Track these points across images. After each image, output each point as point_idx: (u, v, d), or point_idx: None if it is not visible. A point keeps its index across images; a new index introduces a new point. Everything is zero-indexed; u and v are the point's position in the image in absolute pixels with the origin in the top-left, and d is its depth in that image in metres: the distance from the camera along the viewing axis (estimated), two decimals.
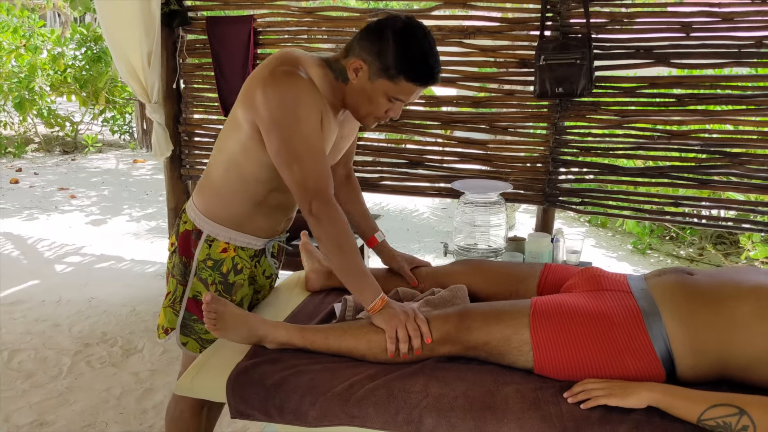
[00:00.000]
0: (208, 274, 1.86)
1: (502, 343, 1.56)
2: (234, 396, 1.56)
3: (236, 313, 1.67)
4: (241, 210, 1.83)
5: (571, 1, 2.98)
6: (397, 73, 1.61)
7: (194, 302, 1.88)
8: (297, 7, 3.49)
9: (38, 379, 2.97)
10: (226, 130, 1.78)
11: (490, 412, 1.41)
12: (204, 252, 1.85)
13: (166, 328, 1.94)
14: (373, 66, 1.63)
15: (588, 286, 1.68)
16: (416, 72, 1.62)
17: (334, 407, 1.48)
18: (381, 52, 1.60)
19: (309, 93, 1.63)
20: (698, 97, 2.96)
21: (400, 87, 1.64)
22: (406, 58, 1.60)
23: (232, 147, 1.75)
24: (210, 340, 1.89)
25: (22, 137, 8.58)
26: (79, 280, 4.20)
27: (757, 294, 1.44)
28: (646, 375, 1.47)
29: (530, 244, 2.64)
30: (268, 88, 1.61)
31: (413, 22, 1.64)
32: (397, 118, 1.79)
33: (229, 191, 1.81)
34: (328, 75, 1.71)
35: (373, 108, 1.71)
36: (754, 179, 2.95)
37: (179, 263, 1.89)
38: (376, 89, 1.65)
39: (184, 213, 1.91)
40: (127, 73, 3.55)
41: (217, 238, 1.84)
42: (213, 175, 1.84)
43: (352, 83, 1.68)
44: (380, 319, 1.64)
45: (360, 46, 1.64)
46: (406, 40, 1.60)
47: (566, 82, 2.93)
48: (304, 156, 1.61)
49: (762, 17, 2.78)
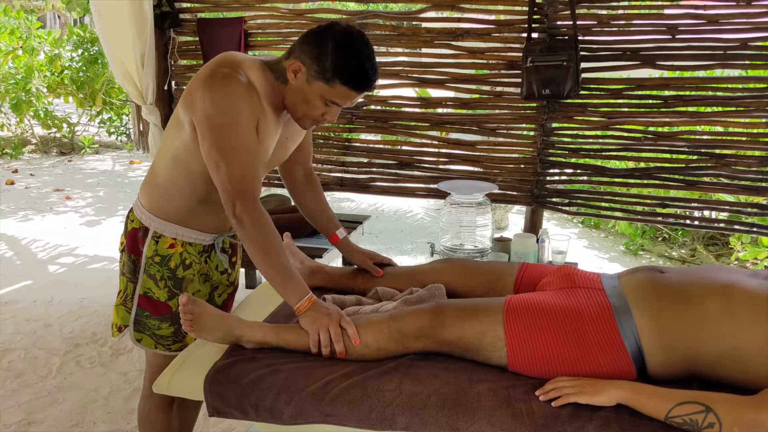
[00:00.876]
0: (156, 270, 1.88)
1: (476, 339, 1.58)
2: (211, 394, 1.57)
3: (212, 313, 1.68)
4: (187, 206, 1.85)
5: (557, 4, 3.00)
6: (333, 77, 1.65)
7: (145, 299, 1.90)
8: (287, 9, 3.51)
9: (27, 378, 2.98)
10: (170, 129, 1.81)
11: (462, 409, 1.42)
12: (151, 248, 1.87)
13: (120, 325, 1.96)
14: (311, 68, 1.66)
15: (562, 284, 1.70)
16: (352, 77, 1.66)
17: (308, 406, 1.49)
18: (320, 56, 1.64)
19: (244, 96, 1.67)
20: (684, 98, 2.98)
21: (335, 90, 1.67)
22: (343, 64, 1.64)
23: (176, 146, 1.78)
24: (164, 336, 1.92)
25: (18, 138, 8.59)
26: (71, 281, 4.21)
27: (725, 292, 1.46)
28: (617, 371, 1.49)
29: (516, 244, 2.66)
30: (206, 89, 1.65)
31: (353, 29, 1.68)
32: (333, 122, 1.83)
33: (174, 188, 1.83)
34: (268, 76, 1.74)
35: (309, 109, 1.74)
36: (742, 180, 2.96)
37: (128, 261, 1.91)
38: (313, 91, 1.69)
39: (131, 212, 1.94)
40: (122, 75, 3.58)
41: (163, 234, 1.86)
42: (158, 173, 1.86)
43: (291, 84, 1.71)
44: (305, 321, 1.67)
45: (300, 49, 1.68)
46: (344, 46, 1.64)
47: (553, 84, 2.95)
48: (231, 157, 1.64)
49: (747, 19, 2.80)
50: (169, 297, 1.89)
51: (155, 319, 1.90)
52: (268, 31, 3.59)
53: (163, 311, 1.90)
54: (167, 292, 1.89)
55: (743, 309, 1.43)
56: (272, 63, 1.76)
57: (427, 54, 3.37)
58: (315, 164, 3.67)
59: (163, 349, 1.94)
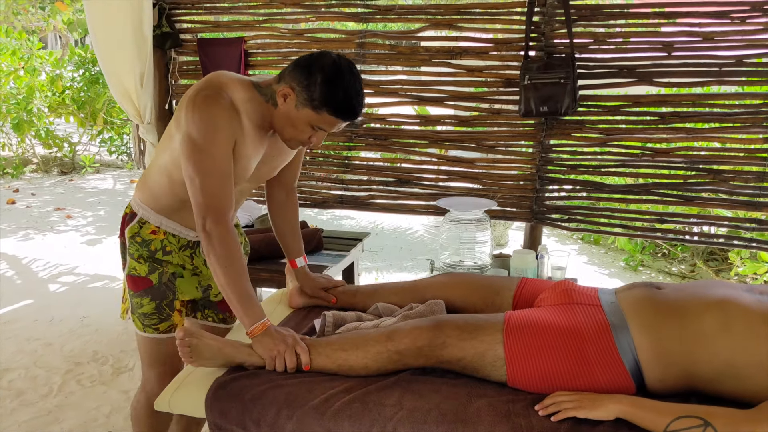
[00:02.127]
0: (136, 249, 1.96)
1: (476, 359, 1.60)
2: (212, 411, 1.58)
3: (211, 344, 1.68)
4: (171, 204, 1.94)
5: (554, 22, 3.03)
6: (320, 105, 1.71)
7: (130, 278, 1.98)
8: (287, 29, 3.55)
9: (28, 397, 2.98)
10: (164, 139, 1.89)
11: (462, 424, 1.43)
12: (134, 229, 1.96)
13: (127, 308, 2.05)
14: (300, 96, 1.72)
15: (560, 300, 1.71)
16: (338, 107, 1.72)
17: (310, 420, 1.50)
18: (309, 86, 1.70)
19: (225, 118, 1.74)
20: (681, 115, 3.00)
21: (322, 118, 1.74)
22: (330, 94, 1.70)
23: (165, 156, 1.87)
24: (148, 314, 1.97)
25: (20, 158, 8.63)
26: (72, 300, 4.22)
27: (722, 307, 1.47)
28: (616, 387, 1.50)
29: (515, 260, 2.67)
30: (189, 108, 1.73)
31: (342, 60, 1.74)
32: (320, 146, 1.89)
33: (159, 189, 1.93)
34: (256, 97, 1.81)
35: (296, 133, 1.80)
36: (740, 196, 2.98)
37: (120, 245, 2.03)
38: (300, 116, 1.75)
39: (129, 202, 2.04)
40: (120, 95, 3.60)
41: (148, 221, 1.96)
42: (149, 176, 1.97)
43: (279, 107, 1.78)
44: (258, 346, 1.70)
45: (290, 76, 1.74)
46: (332, 77, 1.70)
47: (551, 101, 2.97)
48: (205, 174, 1.71)
49: (742, 36, 2.83)
50: (150, 271, 1.96)
51: (137, 297, 1.97)
52: (267, 50, 3.63)
53: (142, 285, 1.96)
54: (148, 266, 1.96)
55: (740, 324, 1.44)
56: (262, 85, 1.82)
57: (426, 72, 3.40)
58: (315, 182, 3.69)
59: (151, 331, 1.98)
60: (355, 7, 3.39)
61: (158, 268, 1.97)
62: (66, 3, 8.49)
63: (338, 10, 3.44)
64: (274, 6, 3.55)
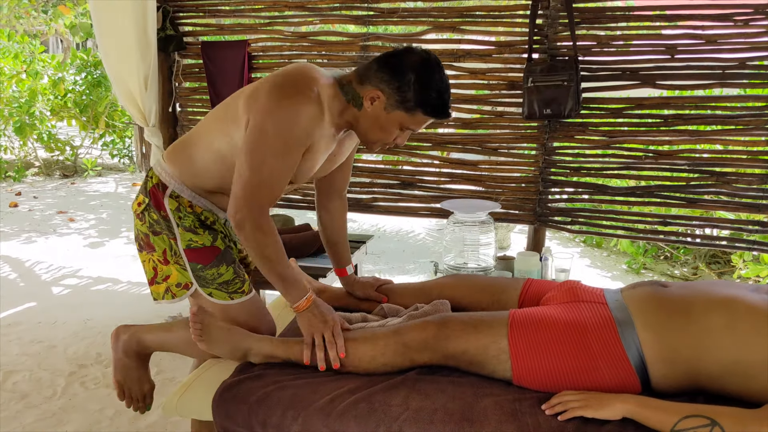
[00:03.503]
0: (190, 220, 1.88)
1: (480, 352, 1.60)
2: (219, 413, 1.59)
3: (221, 326, 1.70)
4: (209, 185, 1.88)
5: (557, 25, 3.04)
6: (414, 107, 1.67)
7: (191, 251, 1.87)
8: (290, 32, 3.56)
9: (32, 399, 2.98)
10: (222, 121, 1.80)
11: (469, 423, 1.44)
12: (173, 203, 1.88)
13: (185, 283, 1.91)
14: (391, 98, 1.68)
15: (565, 298, 1.72)
16: (433, 106, 1.68)
17: (316, 421, 1.51)
18: (401, 87, 1.66)
19: (308, 117, 1.66)
20: (684, 117, 3.01)
21: (415, 119, 1.70)
22: (424, 93, 1.66)
23: (224, 143, 1.78)
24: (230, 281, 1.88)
25: (22, 161, 8.64)
26: (75, 302, 4.22)
27: (727, 305, 1.48)
28: (621, 384, 1.50)
29: (519, 262, 2.67)
30: (274, 99, 1.65)
31: (430, 56, 1.70)
32: (402, 145, 1.85)
33: (204, 169, 1.85)
34: (339, 97, 1.74)
35: (383, 135, 1.76)
36: (743, 198, 2.98)
37: (159, 218, 1.89)
38: (390, 119, 1.71)
39: (151, 170, 1.95)
40: (124, 98, 3.61)
41: (181, 194, 1.88)
42: (193, 150, 1.87)
43: (366, 110, 1.72)
44: (302, 321, 1.71)
45: (377, 77, 1.69)
46: (425, 75, 1.66)
47: (554, 104, 2.97)
48: (262, 172, 1.65)
49: (745, 39, 2.84)
50: (213, 239, 1.88)
51: (210, 268, 1.87)
52: (271, 53, 3.64)
53: (212, 254, 1.87)
54: (209, 233, 1.88)
55: (745, 322, 1.44)
56: (344, 84, 1.75)
57: None
58: None
59: (239, 296, 1.89)
60: (358, 10, 3.40)
61: (217, 233, 1.89)
62: (68, 6, 8.51)
63: (341, 13, 3.45)
64: (277, 9, 3.56)
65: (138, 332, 1.96)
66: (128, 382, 1.97)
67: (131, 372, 1.97)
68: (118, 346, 1.96)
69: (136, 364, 1.97)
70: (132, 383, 1.97)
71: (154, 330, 1.97)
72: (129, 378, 1.97)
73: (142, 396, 1.99)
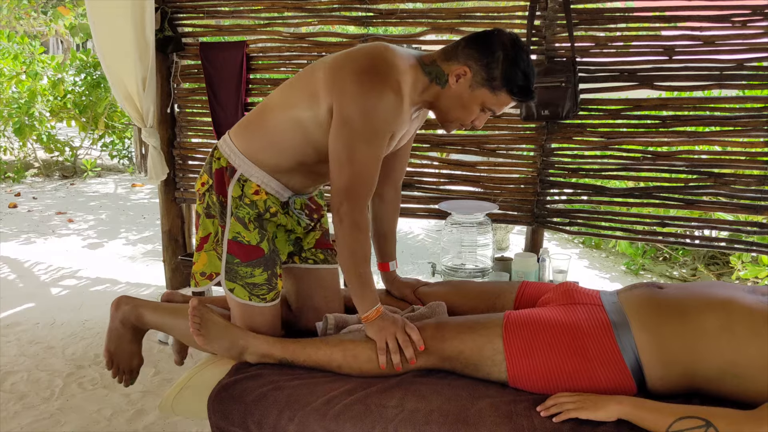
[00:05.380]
0: (246, 212, 1.84)
1: (475, 353, 1.60)
2: (215, 413, 1.59)
3: (219, 322, 1.71)
4: (286, 162, 1.83)
5: (555, 26, 3.04)
6: (501, 86, 1.67)
7: (235, 244, 1.84)
8: (288, 33, 3.56)
9: (30, 400, 2.98)
10: (301, 95, 1.77)
11: (464, 425, 1.44)
12: (237, 190, 1.84)
13: (210, 273, 1.90)
14: (478, 75, 1.67)
15: (561, 300, 1.72)
16: (520, 87, 1.68)
17: (312, 422, 1.51)
18: (489, 64, 1.65)
19: (392, 108, 1.66)
20: (682, 118, 3.01)
21: (498, 99, 1.70)
22: (512, 73, 1.65)
23: (305, 116, 1.75)
24: (258, 285, 1.85)
25: (21, 162, 8.64)
26: (74, 303, 4.22)
27: (724, 307, 1.48)
28: (617, 386, 1.50)
29: (517, 263, 2.67)
30: (360, 87, 1.64)
31: (519, 38, 1.70)
32: (480, 128, 1.84)
33: (283, 142, 1.80)
34: (420, 78, 1.73)
35: (463, 115, 1.75)
36: (741, 199, 2.98)
37: (217, 202, 1.87)
38: (474, 98, 1.70)
39: (216, 150, 1.90)
40: (123, 98, 3.61)
41: (250, 179, 1.84)
42: (268, 122, 1.83)
43: (449, 87, 1.72)
44: (372, 330, 1.69)
45: (465, 54, 1.69)
46: (514, 55, 1.66)
47: (552, 105, 2.97)
48: (359, 163, 1.66)
49: (743, 40, 2.84)
50: (260, 239, 1.85)
51: (246, 266, 1.84)
52: (269, 54, 3.65)
53: (254, 255, 1.84)
54: (258, 233, 1.85)
55: (742, 324, 1.44)
56: (427, 63, 1.74)
57: None
58: None
59: (258, 300, 1.85)
60: (356, 11, 3.40)
61: (266, 234, 1.86)
62: (68, 7, 8.51)
63: (340, 14, 3.45)
64: (275, 10, 3.57)
65: (140, 307, 1.95)
66: (119, 354, 1.97)
67: (123, 344, 1.97)
68: (117, 315, 1.96)
69: (130, 337, 1.98)
70: (122, 355, 1.97)
71: (159, 310, 1.96)
72: (120, 349, 1.97)
73: (129, 369, 2.00)
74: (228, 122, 3.66)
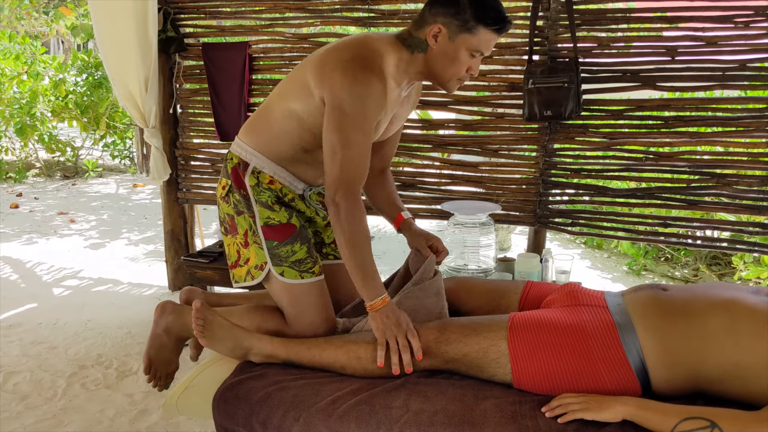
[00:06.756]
0: (267, 196, 1.91)
1: (480, 355, 1.60)
2: (219, 412, 1.59)
3: (223, 323, 1.71)
4: (289, 149, 1.90)
5: (558, 26, 3.04)
6: (476, 24, 1.71)
7: (268, 228, 1.91)
8: (290, 33, 3.56)
9: (33, 401, 2.98)
10: (292, 86, 1.86)
11: (469, 426, 1.44)
12: (253, 179, 1.92)
13: (260, 264, 1.93)
14: (452, 26, 1.73)
15: (566, 301, 1.72)
16: (493, 18, 1.72)
17: (317, 422, 1.51)
18: (457, 12, 1.71)
19: (377, 91, 1.73)
20: (685, 119, 3.01)
21: (479, 37, 1.74)
22: (480, 9, 1.71)
23: (299, 107, 1.83)
24: (302, 260, 1.90)
25: (23, 162, 8.65)
26: (76, 303, 4.22)
27: (728, 308, 1.48)
28: (622, 387, 1.50)
29: (519, 264, 2.68)
30: (346, 76, 1.71)
31: None
32: (476, 76, 1.89)
33: (284, 132, 1.89)
34: (403, 55, 1.80)
35: (456, 68, 1.79)
36: (743, 200, 2.98)
37: (240, 198, 1.93)
38: (457, 47, 1.75)
39: (228, 153, 1.98)
40: (125, 99, 3.62)
41: (263, 170, 1.92)
42: (270, 116, 1.91)
43: (432, 50, 1.78)
44: (375, 321, 1.69)
45: (433, 14, 1.75)
46: None
47: (554, 105, 2.98)
48: (349, 149, 1.71)
49: (745, 41, 2.84)
50: (289, 216, 1.92)
51: (284, 245, 1.90)
52: (271, 55, 3.64)
53: (289, 231, 1.90)
54: (285, 211, 1.92)
55: (746, 325, 1.44)
56: (405, 38, 1.81)
57: None
58: None
59: (310, 276, 1.91)
60: (358, 11, 3.40)
61: (293, 211, 1.94)
62: (69, 8, 8.52)
63: (342, 15, 3.45)
64: (277, 11, 3.57)
65: (186, 316, 1.95)
66: (158, 360, 1.98)
67: (164, 352, 1.99)
68: (161, 322, 1.97)
69: (172, 346, 1.99)
70: (162, 362, 1.99)
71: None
72: (160, 357, 1.98)
73: (165, 375, 2.01)
74: (230, 123, 3.66)
